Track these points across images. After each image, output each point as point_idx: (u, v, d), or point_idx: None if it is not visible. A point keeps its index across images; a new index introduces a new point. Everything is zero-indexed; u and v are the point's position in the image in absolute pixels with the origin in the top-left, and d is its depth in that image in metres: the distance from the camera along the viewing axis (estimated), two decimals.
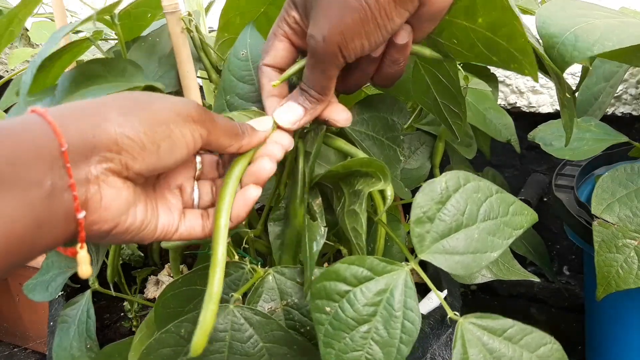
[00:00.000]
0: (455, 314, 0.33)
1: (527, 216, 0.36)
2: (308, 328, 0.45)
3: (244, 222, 0.54)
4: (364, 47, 0.38)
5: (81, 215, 0.31)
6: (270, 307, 0.46)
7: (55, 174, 0.30)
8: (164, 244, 0.51)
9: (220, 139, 0.38)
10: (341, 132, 0.51)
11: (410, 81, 0.54)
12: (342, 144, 0.48)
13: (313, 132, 0.47)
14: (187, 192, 0.41)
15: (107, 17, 0.55)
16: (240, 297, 0.44)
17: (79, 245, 0.32)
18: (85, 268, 0.33)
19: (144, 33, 0.63)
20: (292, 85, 0.46)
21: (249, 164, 0.41)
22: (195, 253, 0.81)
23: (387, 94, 0.55)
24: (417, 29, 0.40)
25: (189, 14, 0.55)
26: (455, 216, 0.35)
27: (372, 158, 0.41)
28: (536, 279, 0.52)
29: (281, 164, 0.50)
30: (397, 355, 0.33)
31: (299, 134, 0.47)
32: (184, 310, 0.48)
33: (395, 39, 0.40)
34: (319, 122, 0.46)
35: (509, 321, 0.32)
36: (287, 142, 0.43)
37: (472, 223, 0.35)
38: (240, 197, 0.40)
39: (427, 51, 0.44)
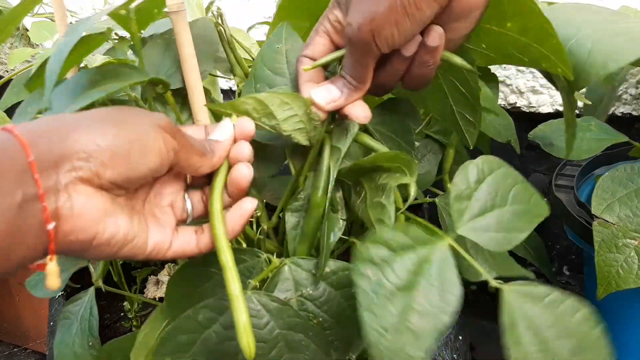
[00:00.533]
0: (499, 282, 0.34)
1: (544, 208, 0.38)
2: (320, 319, 0.46)
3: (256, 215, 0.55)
4: (394, 36, 0.40)
5: (50, 226, 0.31)
6: (285, 298, 0.47)
7: (25, 184, 0.30)
8: None
9: (191, 157, 0.38)
10: (365, 130, 0.52)
11: (425, 89, 0.55)
12: (367, 139, 0.49)
13: (338, 127, 0.49)
14: (178, 207, 0.42)
15: (123, 12, 0.54)
16: (257, 284, 0.45)
17: (48, 257, 0.32)
18: (53, 280, 0.33)
19: (148, 30, 0.63)
20: (328, 78, 0.48)
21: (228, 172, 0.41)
22: None
23: (403, 98, 0.57)
24: (450, 30, 0.41)
25: (218, 9, 0.54)
26: (489, 196, 0.37)
27: (398, 152, 0.42)
28: (531, 275, 0.53)
29: (302, 157, 0.51)
30: (436, 324, 0.33)
31: (326, 128, 0.48)
32: (196, 292, 0.49)
33: (427, 41, 0.41)
34: (341, 117, 0.47)
35: (546, 289, 0.34)
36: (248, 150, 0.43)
37: (503, 205, 0.37)
38: (237, 211, 0.41)
39: (457, 59, 0.45)
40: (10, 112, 0.74)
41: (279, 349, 0.43)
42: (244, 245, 0.55)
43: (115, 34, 0.65)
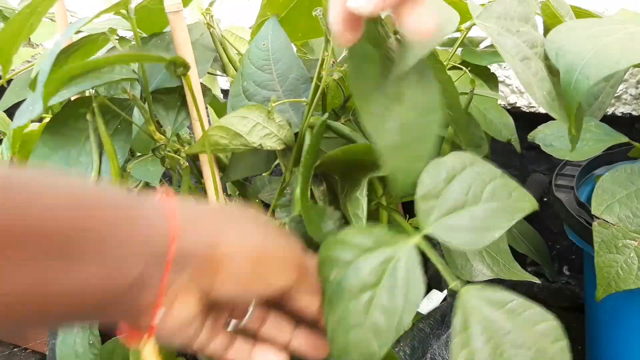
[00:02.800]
0: (456, 284, 0.33)
1: (528, 203, 0.36)
2: None
3: None
4: None
5: (160, 312, 0.31)
6: None
7: (149, 270, 0.29)
8: None
9: (303, 297, 0.36)
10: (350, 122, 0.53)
11: None
12: (343, 128, 0.49)
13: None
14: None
15: (124, 11, 0.54)
16: None
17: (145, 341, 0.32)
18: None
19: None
20: None
21: None
22: None
23: None
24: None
25: (208, 10, 0.55)
26: (460, 194, 0.36)
27: (371, 145, 0.40)
28: (537, 280, 0.52)
29: (289, 151, 0.51)
30: (398, 323, 0.33)
31: (308, 124, 0.49)
32: None
33: None
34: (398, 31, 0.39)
35: (510, 295, 0.32)
36: None
37: (476, 202, 0.36)
38: None
39: None
40: (10, 112, 0.74)
41: None
42: None
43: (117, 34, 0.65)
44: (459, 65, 0.75)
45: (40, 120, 0.73)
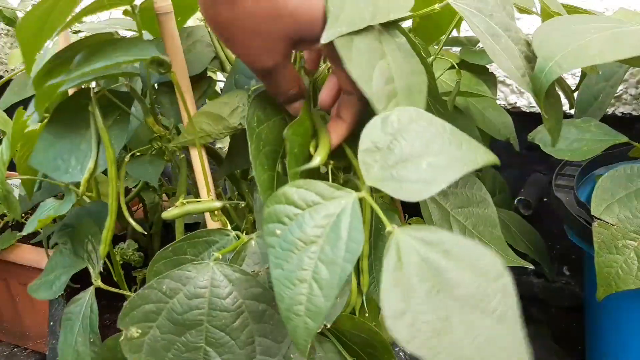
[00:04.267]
0: (393, 227, 0.33)
1: (481, 155, 0.35)
2: None
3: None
4: None
5: None
6: (254, 271, 0.48)
7: None
8: (164, 215, 0.53)
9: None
10: None
11: None
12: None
13: None
14: None
15: (129, 8, 0.56)
16: (221, 256, 0.46)
17: None
18: None
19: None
20: None
21: None
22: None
23: None
24: None
25: None
26: (405, 147, 0.35)
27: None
28: (530, 266, 0.52)
29: None
30: (341, 273, 0.33)
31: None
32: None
33: None
34: None
35: (447, 233, 0.31)
36: None
37: (422, 155, 0.35)
38: None
39: None
40: (10, 111, 0.74)
41: (242, 319, 0.44)
42: (229, 227, 0.56)
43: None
44: (447, 57, 0.75)
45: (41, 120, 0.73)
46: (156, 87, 0.62)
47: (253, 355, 0.44)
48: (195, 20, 0.70)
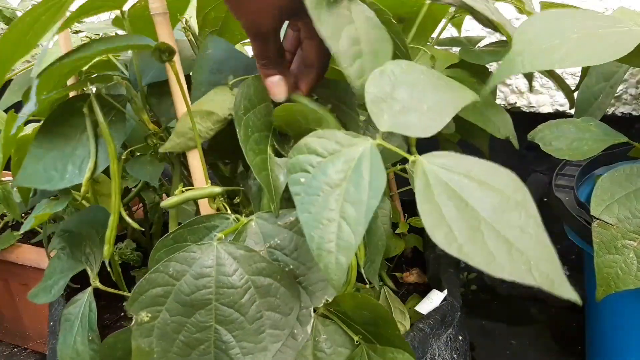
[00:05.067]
0: (415, 156, 0.37)
1: (468, 94, 0.41)
2: (292, 267, 0.49)
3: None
4: None
5: None
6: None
7: None
8: (163, 204, 0.53)
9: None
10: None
11: None
12: (305, 100, 0.51)
13: None
14: None
15: (118, 14, 0.57)
16: (224, 236, 0.47)
17: None
18: None
19: None
20: None
21: None
22: None
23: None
24: None
25: (187, 20, 0.56)
26: (405, 95, 0.39)
27: (315, 109, 0.48)
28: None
29: None
30: (367, 210, 0.35)
31: None
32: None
33: None
34: None
35: (469, 158, 0.35)
36: None
37: (422, 100, 0.39)
38: None
39: None
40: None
41: (250, 295, 0.45)
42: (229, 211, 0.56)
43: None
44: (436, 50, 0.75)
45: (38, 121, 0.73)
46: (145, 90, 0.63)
47: (262, 330, 0.45)
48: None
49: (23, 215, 1.01)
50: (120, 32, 0.69)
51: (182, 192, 0.53)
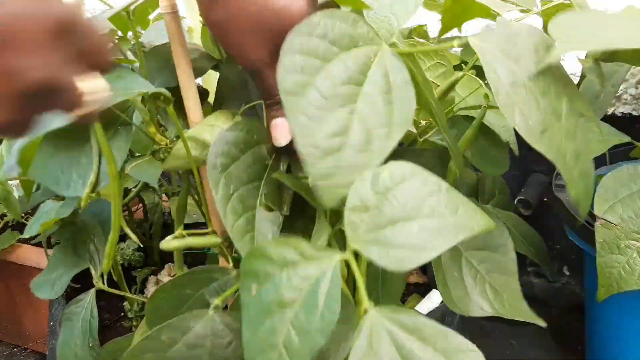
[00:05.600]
0: (370, 302, 0.31)
1: (478, 220, 0.33)
2: None
3: None
4: None
5: None
6: None
7: None
8: (163, 245, 0.52)
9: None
10: None
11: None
12: None
13: None
14: None
15: (124, 14, 0.55)
16: (220, 303, 0.45)
17: None
18: None
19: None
20: None
21: None
22: (194, 252, 0.81)
23: None
24: None
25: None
26: (395, 208, 0.32)
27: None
28: (543, 324, 0.47)
29: None
30: (313, 345, 0.30)
31: None
32: (175, 314, 0.48)
33: None
34: None
35: (425, 320, 0.30)
36: None
37: (413, 217, 0.32)
38: None
39: None
40: None
41: None
42: (231, 265, 0.54)
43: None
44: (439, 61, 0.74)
45: None
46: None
47: None
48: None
49: (23, 215, 1.00)
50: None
51: (183, 235, 0.51)
